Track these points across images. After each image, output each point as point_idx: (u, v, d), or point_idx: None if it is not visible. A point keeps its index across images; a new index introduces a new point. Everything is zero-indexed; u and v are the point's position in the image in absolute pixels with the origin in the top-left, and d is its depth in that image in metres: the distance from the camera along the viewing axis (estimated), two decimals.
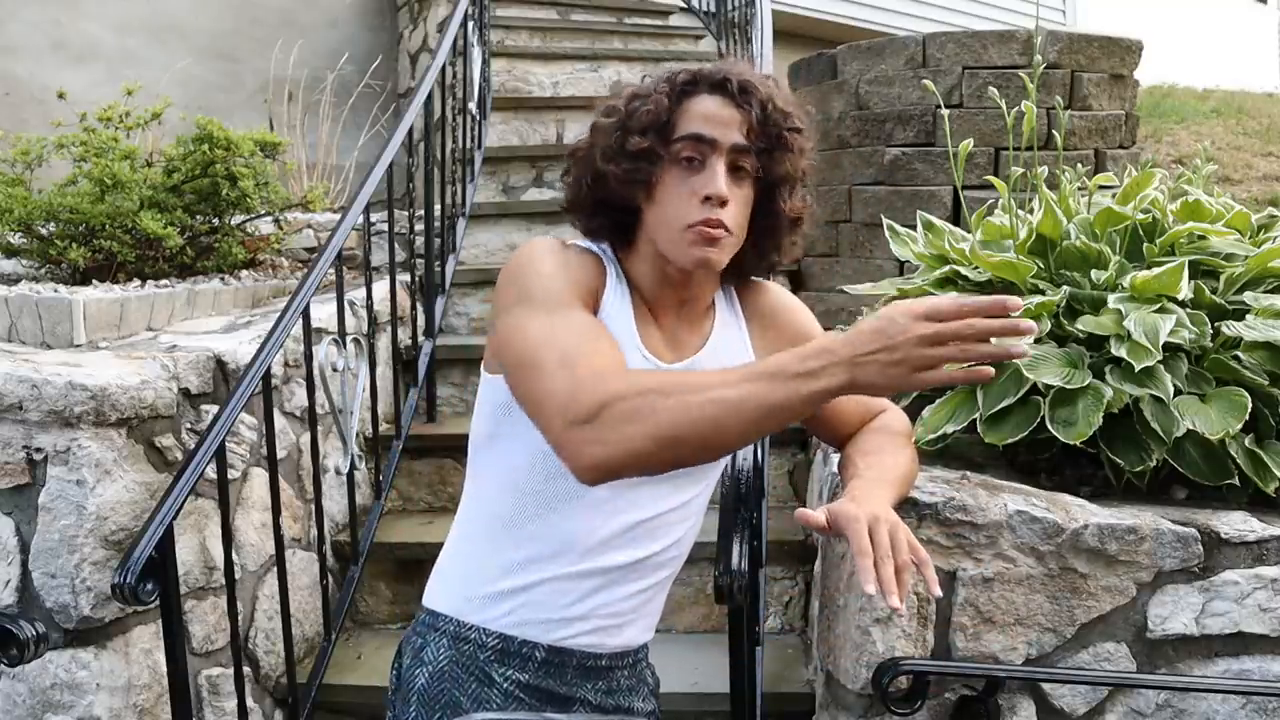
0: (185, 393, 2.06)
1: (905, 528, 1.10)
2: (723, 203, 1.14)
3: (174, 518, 1.63)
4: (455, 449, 2.82)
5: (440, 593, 1.30)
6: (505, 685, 1.22)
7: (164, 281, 2.78)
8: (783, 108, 1.17)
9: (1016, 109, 2.03)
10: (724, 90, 1.16)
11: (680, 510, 1.26)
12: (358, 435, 2.38)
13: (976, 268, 1.90)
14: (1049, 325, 1.73)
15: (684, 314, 1.26)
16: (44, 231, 2.80)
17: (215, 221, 3.03)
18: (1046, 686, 1.57)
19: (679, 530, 1.28)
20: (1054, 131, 2.42)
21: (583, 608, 1.23)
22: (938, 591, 1.06)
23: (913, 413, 1.72)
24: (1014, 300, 0.95)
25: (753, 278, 1.35)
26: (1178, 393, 1.63)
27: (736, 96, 1.16)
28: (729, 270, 1.25)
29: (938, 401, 1.79)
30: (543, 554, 1.22)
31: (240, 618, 2.06)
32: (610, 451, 1.01)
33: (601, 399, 1.01)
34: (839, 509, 1.11)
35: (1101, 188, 2.11)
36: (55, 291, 2.44)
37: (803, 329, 1.35)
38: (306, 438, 2.36)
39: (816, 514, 1.11)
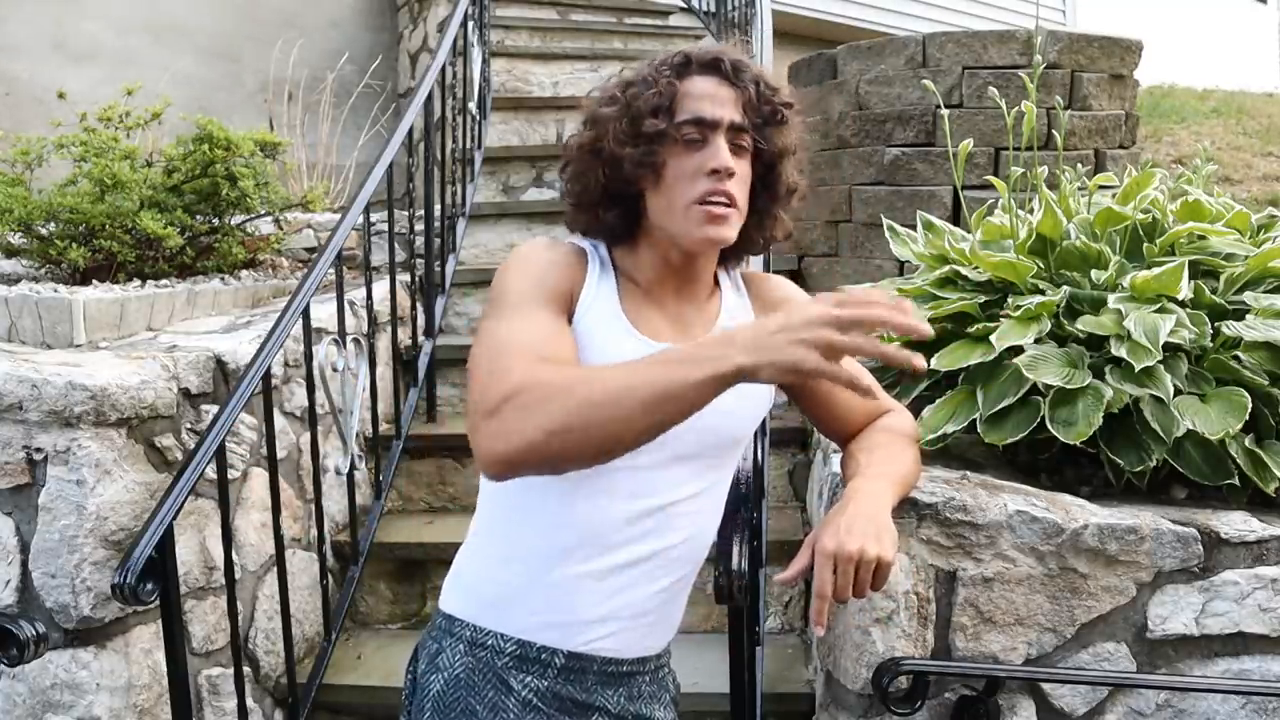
0: (185, 393, 2.06)
1: (876, 560, 1.14)
2: (730, 174, 1.17)
3: (174, 518, 1.63)
4: (455, 449, 2.83)
5: (457, 596, 1.26)
6: (523, 693, 1.19)
7: (164, 281, 2.78)
8: (772, 83, 1.22)
9: (1016, 109, 2.03)
10: (718, 70, 1.20)
11: (695, 500, 1.24)
12: (358, 435, 2.38)
13: (976, 268, 1.90)
14: (1049, 325, 1.73)
15: (685, 295, 1.27)
16: (44, 231, 2.80)
17: (215, 221, 3.03)
18: (1046, 686, 1.57)
19: (696, 522, 1.25)
20: (1054, 131, 2.42)
21: (605, 609, 1.20)
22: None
23: (912, 413, 1.71)
24: (909, 304, 0.96)
25: (760, 272, 1.38)
26: (1178, 393, 1.63)
27: (731, 75, 1.19)
28: (726, 248, 1.26)
29: (938, 401, 1.79)
30: (564, 544, 1.19)
31: (240, 618, 2.06)
32: (508, 445, 1.01)
33: (505, 392, 1.03)
34: (816, 544, 1.17)
35: (1101, 188, 2.12)
36: (55, 291, 2.44)
37: None
38: (306, 438, 2.36)
39: (797, 563, 1.19)
